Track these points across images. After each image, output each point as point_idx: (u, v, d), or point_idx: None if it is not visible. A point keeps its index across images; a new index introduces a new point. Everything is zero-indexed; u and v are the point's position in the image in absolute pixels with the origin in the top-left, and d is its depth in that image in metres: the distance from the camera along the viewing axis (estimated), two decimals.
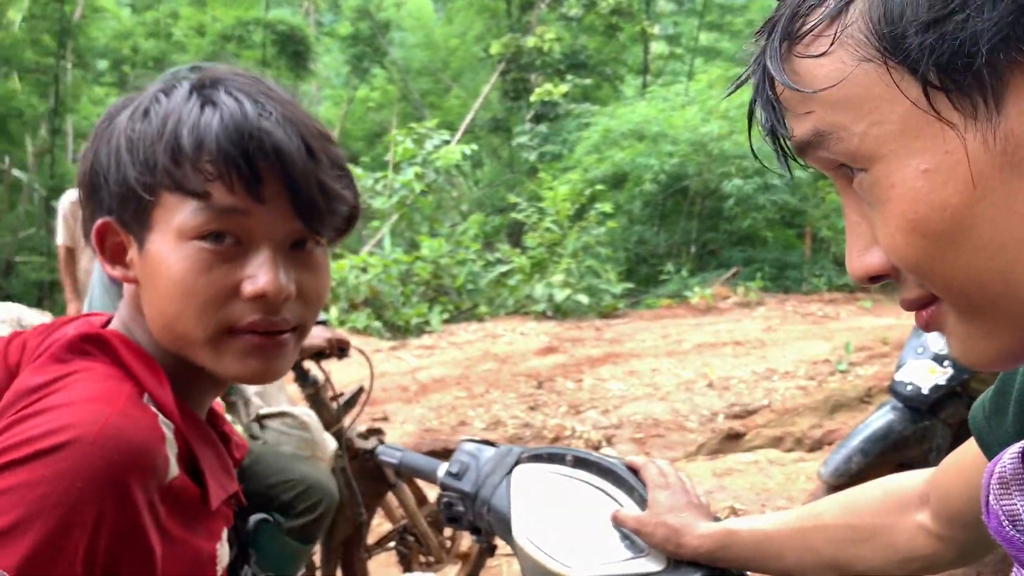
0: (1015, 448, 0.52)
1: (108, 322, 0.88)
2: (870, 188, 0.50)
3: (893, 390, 2.60)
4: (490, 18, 18.56)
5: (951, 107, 0.46)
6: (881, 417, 2.58)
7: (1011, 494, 0.51)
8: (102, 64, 19.51)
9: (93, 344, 0.79)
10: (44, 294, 14.74)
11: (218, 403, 0.96)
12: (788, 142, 0.54)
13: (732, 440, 4.87)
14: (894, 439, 2.50)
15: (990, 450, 0.72)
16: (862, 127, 0.48)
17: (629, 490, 1.11)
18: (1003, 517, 0.51)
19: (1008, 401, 0.69)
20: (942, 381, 2.50)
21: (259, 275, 0.77)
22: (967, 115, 0.45)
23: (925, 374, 2.53)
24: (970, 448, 0.77)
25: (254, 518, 2.03)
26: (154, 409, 0.76)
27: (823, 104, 0.50)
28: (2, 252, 14.88)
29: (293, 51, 19.12)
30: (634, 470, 1.12)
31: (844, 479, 2.47)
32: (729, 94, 0.63)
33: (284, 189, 0.78)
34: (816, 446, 4.64)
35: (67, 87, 16.36)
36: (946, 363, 2.52)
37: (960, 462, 0.79)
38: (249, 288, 0.77)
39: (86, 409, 0.71)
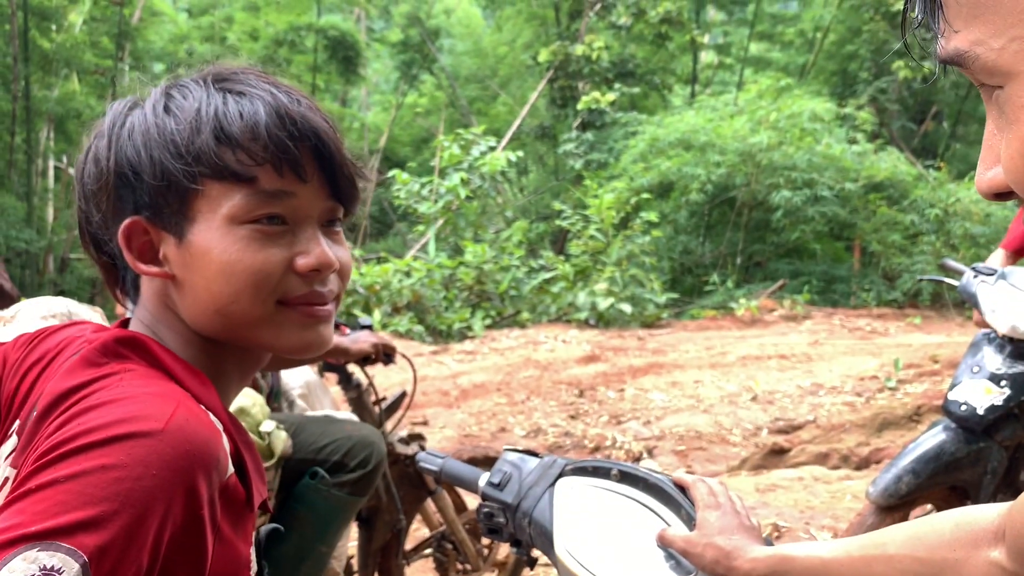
0: None
1: (124, 325, 0.88)
2: (1004, 105, 0.49)
3: (946, 409, 2.52)
4: (539, 26, 18.58)
5: None
6: (933, 437, 2.50)
7: None
8: (158, 67, 19.95)
9: (128, 347, 0.79)
10: (97, 291, 15.09)
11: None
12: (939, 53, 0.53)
13: (776, 455, 4.78)
14: (947, 460, 2.42)
15: None
16: (1002, 41, 0.48)
17: (676, 508, 1.08)
18: None
19: None
20: (999, 402, 2.42)
21: (311, 250, 0.82)
22: None
23: (981, 394, 2.45)
24: None
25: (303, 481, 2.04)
26: (204, 408, 0.77)
27: (969, 18, 0.49)
28: (57, 249, 15.26)
29: (343, 56, 19.34)
30: (682, 488, 1.09)
31: (894, 499, 2.40)
32: None
33: (319, 170, 0.83)
34: (863, 464, 4.54)
35: (124, 89, 16.72)
36: (1003, 383, 2.44)
37: None
38: (303, 262, 0.82)
39: (151, 402, 0.71)
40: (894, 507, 2.40)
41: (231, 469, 0.75)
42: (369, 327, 2.42)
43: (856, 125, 13.17)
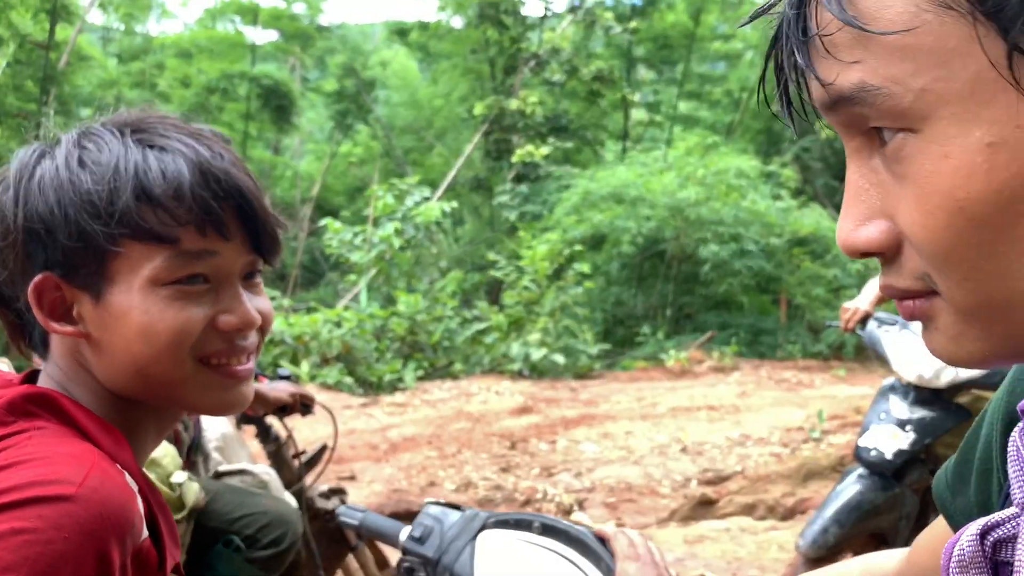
0: (973, 529, 0.50)
1: (27, 380, 0.84)
2: (912, 155, 0.43)
3: (858, 455, 2.60)
4: (474, 80, 18.86)
5: None
6: (851, 486, 2.57)
7: None
8: (85, 112, 19.56)
9: (37, 404, 0.75)
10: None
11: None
12: (812, 94, 0.48)
13: (704, 507, 4.81)
14: (867, 508, 2.49)
15: (955, 521, 0.70)
16: (922, 82, 0.42)
17: (596, 560, 1.08)
18: None
19: (970, 471, 0.67)
20: (905, 446, 2.51)
21: (234, 309, 0.81)
22: None
23: (888, 439, 2.53)
24: (940, 524, 0.75)
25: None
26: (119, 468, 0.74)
27: (879, 52, 0.43)
28: None
29: (277, 105, 19.28)
30: (603, 540, 1.10)
31: (823, 551, 2.45)
32: (749, 20, 0.53)
33: (241, 227, 0.82)
34: (788, 515, 4.60)
35: (48, 133, 16.33)
36: (908, 428, 2.53)
37: (931, 540, 0.77)
38: (225, 321, 0.81)
39: (64, 463, 0.68)
40: (823, 558, 2.45)
41: (145, 533, 0.73)
42: (288, 377, 2.37)
43: (780, 182, 13.62)
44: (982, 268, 0.43)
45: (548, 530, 1.12)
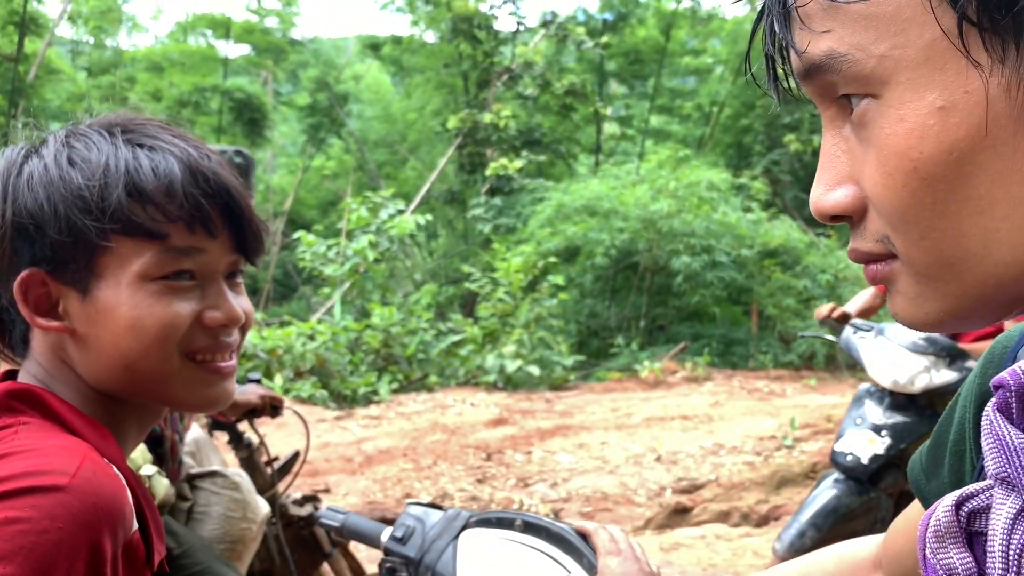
0: (948, 500, 0.52)
1: (4, 380, 0.84)
2: (874, 119, 0.46)
3: (834, 460, 2.64)
4: (448, 94, 18.90)
5: (981, 47, 0.43)
6: (827, 490, 2.61)
7: (947, 548, 0.50)
8: (55, 125, 19.31)
9: (20, 400, 0.76)
10: None
11: None
12: (790, 64, 0.51)
13: (679, 515, 4.84)
14: (843, 512, 2.53)
15: (929, 503, 0.72)
16: (883, 48, 0.45)
17: (579, 556, 1.09)
18: (941, 571, 0.50)
19: (944, 453, 0.70)
20: (880, 451, 2.55)
21: (219, 305, 0.83)
22: (995, 58, 0.43)
23: (864, 444, 2.57)
24: (915, 509, 0.78)
25: None
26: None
27: (845, 21, 0.46)
28: None
29: (249, 118, 19.20)
30: (584, 536, 1.11)
31: (799, 554, 2.48)
32: None
33: (227, 226, 0.84)
34: (762, 521, 4.64)
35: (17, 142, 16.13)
36: (884, 433, 2.58)
37: (907, 525, 0.79)
38: (211, 317, 0.83)
39: (56, 455, 0.69)
40: None
41: (135, 525, 0.73)
42: (257, 380, 2.37)
43: (751, 194, 13.77)
44: (936, 227, 0.46)
45: (530, 528, 1.13)
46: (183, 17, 23.00)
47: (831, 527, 2.55)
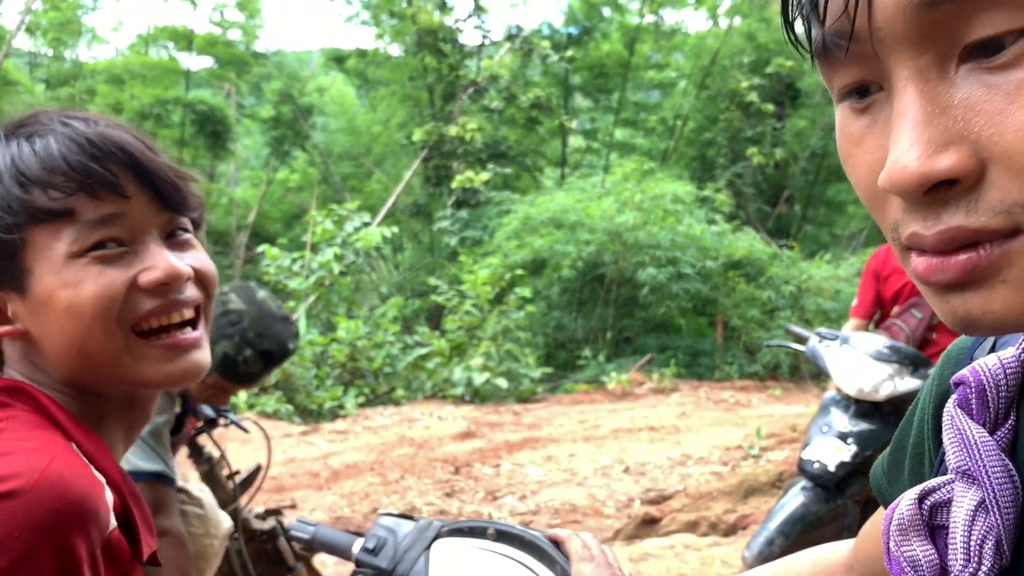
0: (911, 494, 0.53)
1: None
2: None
3: (801, 468, 2.67)
4: (413, 107, 18.90)
5: None
6: (794, 498, 2.63)
7: (910, 540, 0.52)
8: None
9: (10, 394, 0.77)
10: None
11: None
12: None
13: (648, 525, 4.85)
14: (811, 520, 2.55)
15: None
16: None
17: (551, 563, 1.09)
18: (904, 563, 0.52)
19: (904, 456, 0.71)
20: (847, 458, 2.58)
21: (155, 264, 0.80)
22: None
23: (831, 452, 2.60)
24: (882, 514, 0.79)
25: None
26: (86, 460, 0.73)
27: None
28: None
29: (212, 131, 19.03)
30: (557, 543, 1.11)
31: (768, 562, 2.50)
32: None
33: (142, 183, 0.81)
34: (731, 531, 4.66)
35: None
36: (850, 440, 2.61)
37: (876, 528, 0.80)
38: (146, 278, 0.80)
39: (21, 458, 0.68)
40: None
41: (113, 523, 0.72)
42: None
43: (715, 207, 13.92)
44: None
45: (503, 536, 1.13)
46: (144, 29, 22.79)
47: (799, 534, 2.57)
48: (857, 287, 3.41)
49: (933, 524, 0.52)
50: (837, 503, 2.60)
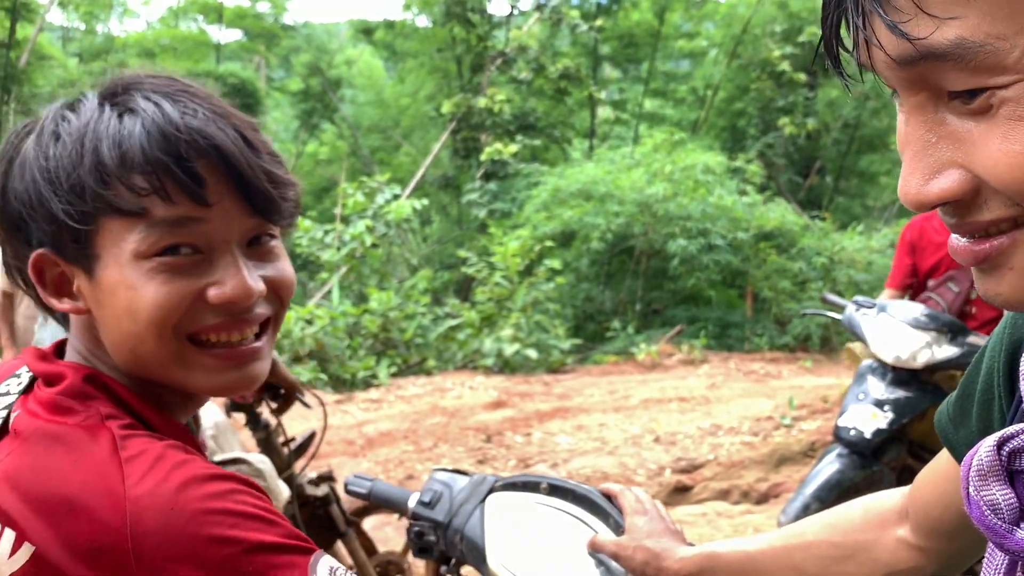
0: (991, 440, 0.54)
1: (55, 354, 0.83)
2: (1003, 104, 0.45)
3: (837, 435, 2.68)
4: (441, 78, 18.84)
5: None
6: (830, 464, 2.65)
7: (989, 484, 0.53)
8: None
9: (94, 386, 0.76)
10: None
11: None
12: (885, 50, 0.48)
13: (680, 493, 4.89)
14: (847, 486, 2.57)
15: (957, 451, 0.75)
16: None
17: (604, 517, 1.12)
18: (984, 507, 0.53)
19: (971, 403, 0.73)
20: (883, 425, 2.59)
21: (226, 280, 0.75)
22: None
23: (867, 419, 2.62)
24: (942, 459, 0.80)
25: None
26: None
27: (983, 8, 0.43)
28: None
29: (243, 104, 19.04)
30: (609, 497, 1.14)
31: None
32: None
33: (231, 187, 0.75)
34: (763, 499, 4.70)
35: (7, 133, 16.07)
36: (886, 408, 2.62)
37: (934, 474, 0.81)
38: (215, 294, 0.75)
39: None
40: None
41: None
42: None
43: (746, 178, 13.79)
44: None
45: (555, 490, 1.16)
46: (175, 2, 22.84)
47: (835, 500, 2.59)
48: (892, 259, 3.39)
49: (1012, 469, 0.54)
50: (873, 470, 2.62)
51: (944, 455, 0.79)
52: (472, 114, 15.90)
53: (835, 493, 2.56)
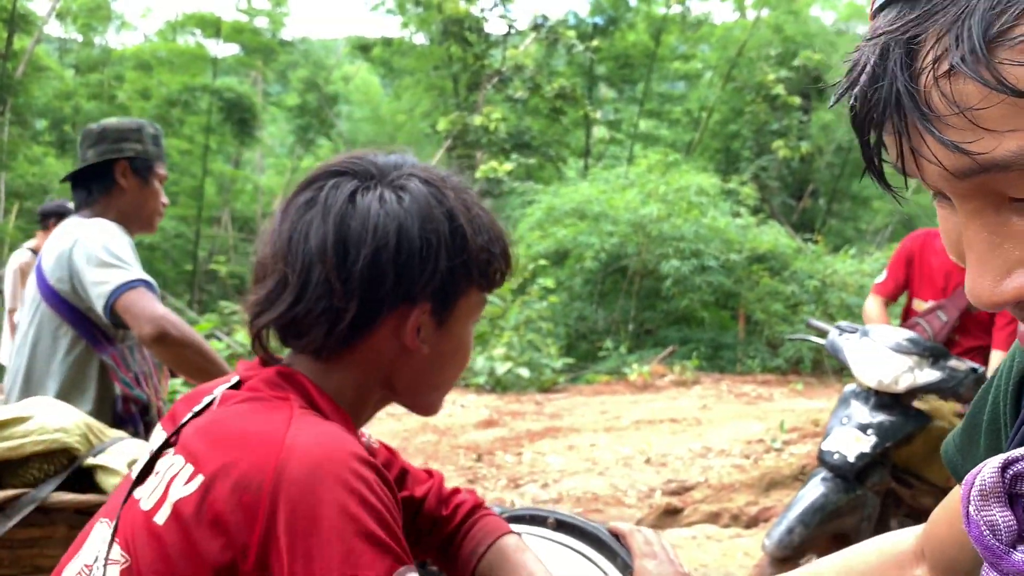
0: (995, 461, 0.55)
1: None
2: None
3: (821, 459, 2.69)
4: (437, 96, 18.93)
5: None
6: (815, 488, 2.65)
7: (990, 505, 0.54)
8: (41, 123, 19.23)
9: (286, 380, 0.90)
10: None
11: None
12: (940, 164, 0.48)
13: (670, 516, 4.88)
14: (831, 510, 2.57)
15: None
16: None
17: (612, 556, 1.10)
18: (983, 527, 0.54)
19: (979, 433, 0.72)
20: (867, 449, 2.60)
21: None
22: None
23: (851, 442, 2.63)
24: (953, 497, 0.79)
25: None
26: None
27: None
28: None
29: (239, 118, 19.16)
30: (617, 536, 1.12)
31: (788, 551, 2.52)
32: (835, 102, 0.53)
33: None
34: (752, 523, 4.69)
35: (2, 144, 16.06)
36: (870, 431, 2.63)
37: (948, 513, 0.80)
38: None
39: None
40: (788, 557, 2.52)
41: None
42: None
43: (739, 200, 13.86)
44: None
45: (562, 526, 1.14)
46: (172, 16, 22.94)
47: (819, 524, 2.60)
48: (888, 264, 3.37)
49: (1013, 492, 0.54)
50: (857, 494, 2.62)
51: (957, 492, 0.79)
52: (468, 132, 15.97)
53: (819, 517, 2.56)
